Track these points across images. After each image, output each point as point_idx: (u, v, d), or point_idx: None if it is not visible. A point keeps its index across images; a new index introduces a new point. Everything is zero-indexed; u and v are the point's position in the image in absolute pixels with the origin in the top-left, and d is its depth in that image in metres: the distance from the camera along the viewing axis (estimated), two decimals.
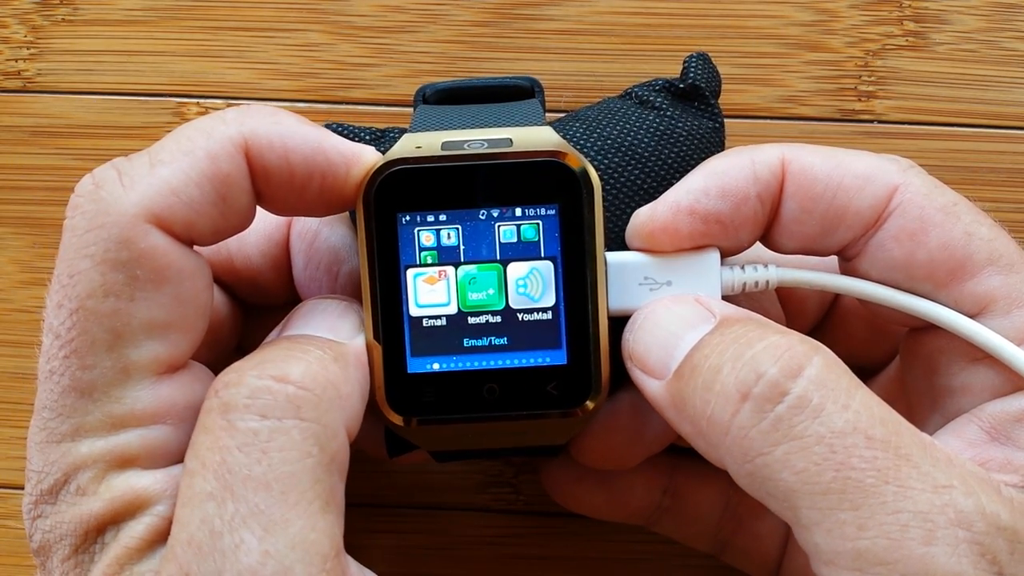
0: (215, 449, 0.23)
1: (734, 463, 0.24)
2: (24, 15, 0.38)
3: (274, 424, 0.23)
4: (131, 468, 0.24)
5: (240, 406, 0.23)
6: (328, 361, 0.25)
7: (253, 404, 0.23)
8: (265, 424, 0.23)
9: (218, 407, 0.24)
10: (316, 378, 0.24)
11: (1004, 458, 0.25)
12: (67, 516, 0.24)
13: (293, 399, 0.23)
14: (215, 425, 0.23)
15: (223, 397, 0.24)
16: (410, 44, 0.38)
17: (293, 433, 0.23)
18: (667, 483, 0.33)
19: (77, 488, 0.24)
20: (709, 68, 0.32)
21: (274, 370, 0.24)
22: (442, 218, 0.27)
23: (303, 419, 0.23)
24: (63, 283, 0.24)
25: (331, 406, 0.24)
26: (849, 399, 0.23)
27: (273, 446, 0.23)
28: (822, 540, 0.22)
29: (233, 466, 0.23)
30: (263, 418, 0.23)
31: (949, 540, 0.22)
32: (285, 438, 0.23)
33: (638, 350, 0.27)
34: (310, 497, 0.23)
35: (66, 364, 0.24)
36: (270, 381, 0.24)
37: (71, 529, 0.24)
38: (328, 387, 0.24)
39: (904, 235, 0.27)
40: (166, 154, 0.25)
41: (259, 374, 0.24)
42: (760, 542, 0.32)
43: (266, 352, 0.25)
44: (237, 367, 0.24)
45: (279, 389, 0.23)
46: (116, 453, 0.24)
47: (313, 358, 0.25)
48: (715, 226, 0.27)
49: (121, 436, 0.24)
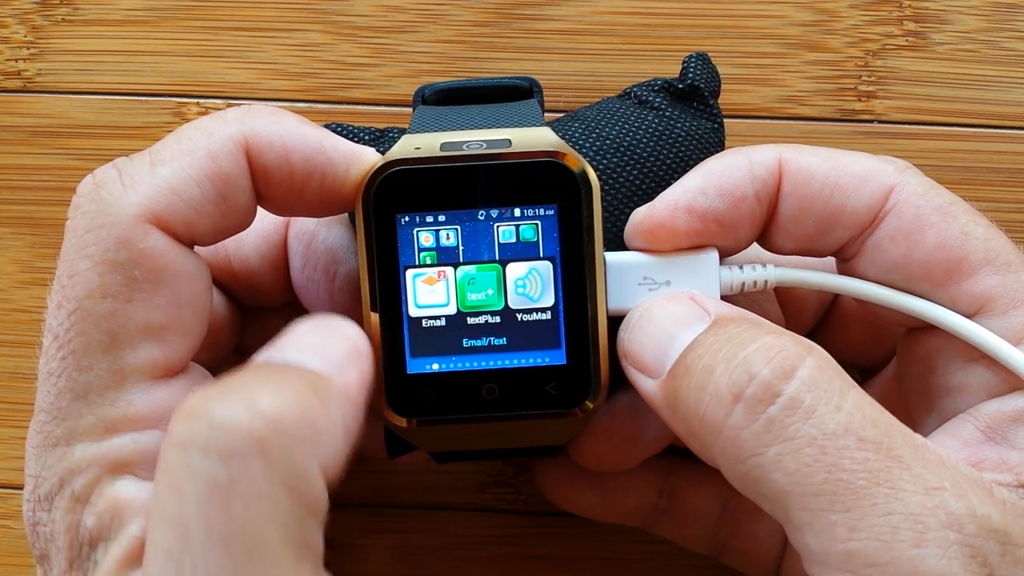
0: (173, 497, 0.21)
1: (727, 464, 0.24)
2: (24, 15, 0.38)
3: (237, 468, 0.20)
4: (125, 475, 0.24)
5: (199, 443, 0.20)
6: (305, 392, 0.22)
7: (213, 442, 0.20)
8: (226, 469, 0.20)
9: (178, 440, 0.21)
10: (287, 412, 0.21)
11: (999, 458, 0.25)
12: (61, 526, 0.24)
13: (259, 437, 0.21)
14: (174, 464, 0.21)
15: (183, 430, 0.21)
16: (410, 44, 0.38)
17: (258, 478, 0.20)
18: (663, 484, 0.33)
19: (72, 494, 0.24)
20: (708, 68, 0.32)
21: (239, 401, 0.21)
22: (441, 219, 0.27)
23: (270, 461, 0.21)
24: (63, 284, 0.24)
25: (304, 445, 0.21)
26: (841, 400, 0.23)
27: (236, 494, 0.20)
28: (813, 541, 0.22)
29: (191, 522, 0.20)
30: (224, 460, 0.20)
31: (940, 542, 0.22)
32: (249, 484, 0.20)
33: (633, 349, 0.27)
34: (278, 551, 0.20)
35: (63, 365, 0.24)
36: (233, 414, 0.21)
37: (67, 542, 0.24)
38: (301, 423, 0.21)
39: (900, 235, 0.27)
40: (167, 153, 0.25)
41: (222, 405, 0.21)
42: (758, 543, 0.32)
43: (236, 378, 0.22)
44: (202, 394, 0.22)
45: (243, 424, 0.20)
46: (109, 458, 0.24)
47: (288, 388, 0.22)
48: (713, 225, 0.27)
49: (115, 441, 0.24)
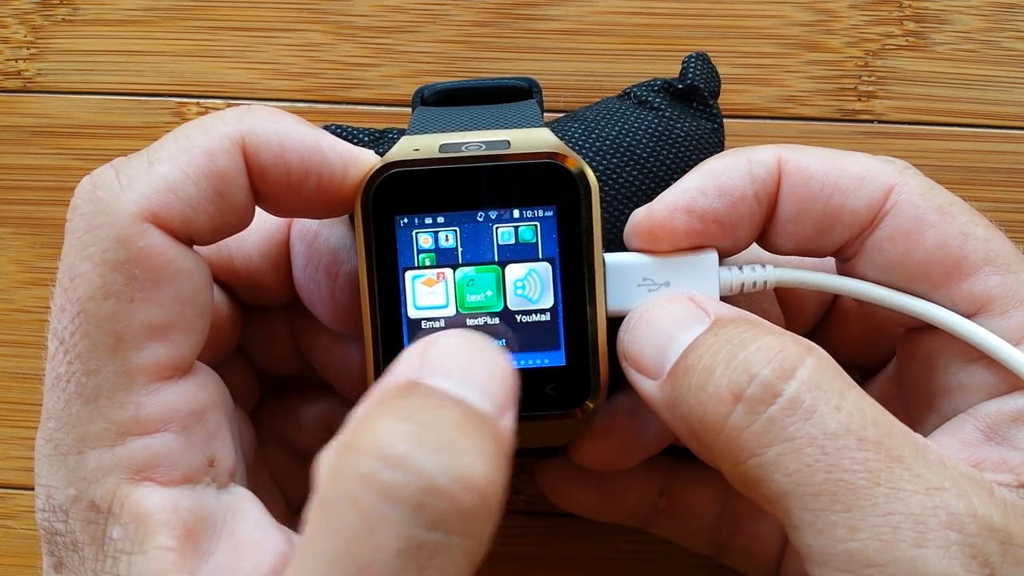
0: (367, 545, 0.19)
1: (727, 464, 0.24)
2: (24, 15, 0.38)
3: (442, 539, 0.19)
4: (144, 482, 0.24)
5: (413, 504, 0.19)
6: (500, 457, 0.21)
7: (428, 507, 0.19)
8: (432, 536, 0.19)
9: (381, 487, 0.20)
10: (493, 485, 0.20)
11: (999, 458, 0.25)
12: (84, 536, 0.24)
13: (470, 512, 0.20)
14: (373, 511, 0.19)
15: (391, 478, 0.20)
16: (410, 44, 0.38)
17: (456, 552, 0.20)
18: (663, 484, 0.33)
19: (91, 504, 0.24)
20: (708, 68, 0.32)
21: (460, 467, 0.20)
22: (440, 220, 0.27)
23: (470, 536, 0.20)
24: (64, 286, 0.24)
25: (492, 519, 0.20)
26: (841, 400, 0.23)
27: (433, 564, 0.19)
28: (814, 541, 0.22)
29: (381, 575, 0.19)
30: (433, 528, 0.19)
31: (940, 542, 0.22)
32: (447, 556, 0.20)
33: (633, 350, 0.27)
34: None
35: (71, 370, 0.24)
36: (455, 484, 0.19)
37: (93, 553, 0.24)
38: (499, 495, 0.20)
39: (900, 235, 0.27)
40: (164, 152, 0.25)
41: (442, 466, 0.20)
42: (758, 543, 0.32)
43: (436, 420, 0.21)
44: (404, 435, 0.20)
45: (462, 497, 0.19)
46: (125, 465, 0.24)
47: (490, 453, 0.21)
48: (712, 225, 0.27)
49: (128, 446, 0.24)
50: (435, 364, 0.22)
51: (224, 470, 0.26)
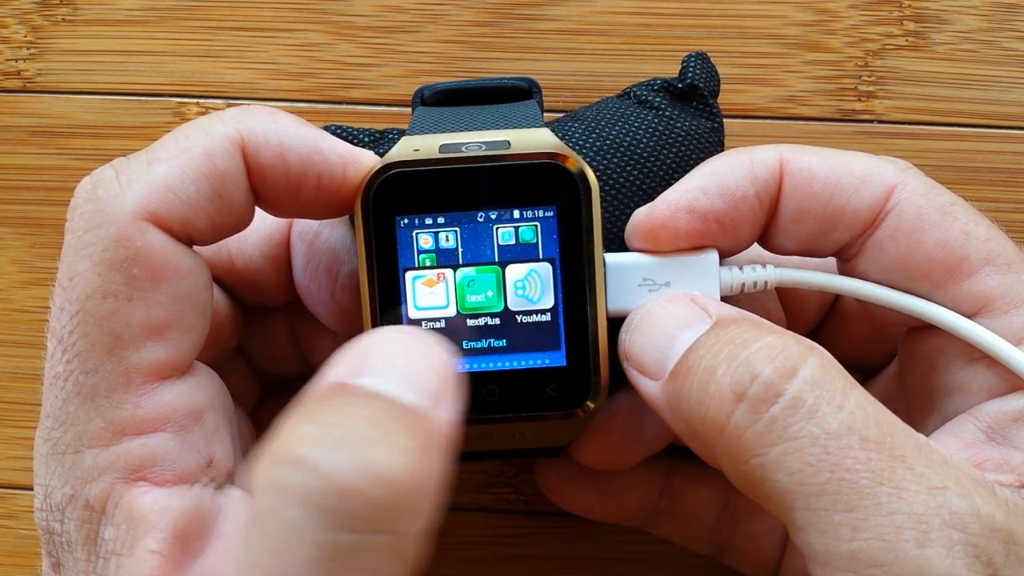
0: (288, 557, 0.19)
1: (729, 464, 0.24)
2: (24, 15, 0.38)
3: (362, 540, 0.19)
4: (138, 482, 0.24)
5: (323, 508, 0.19)
6: (423, 448, 0.20)
7: (339, 509, 0.19)
8: (352, 539, 0.19)
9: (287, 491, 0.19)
10: (412, 477, 0.19)
11: (1000, 458, 0.25)
12: (78, 536, 0.24)
13: (389, 508, 0.19)
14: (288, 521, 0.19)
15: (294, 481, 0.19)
16: (410, 44, 0.38)
17: (381, 553, 0.19)
18: (664, 484, 0.33)
19: (86, 504, 0.24)
20: (708, 68, 0.32)
21: (368, 463, 0.19)
22: (440, 221, 0.27)
23: (397, 532, 0.19)
24: (64, 286, 0.24)
25: (415, 515, 0.19)
26: (844, 400, 0.23)
27: (360, 567, 0.19)
28: (816, 541, 0.22)
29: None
30: (350, 531, 0.19)
31: (943, 542, 0.22)
32: (375, 557, 0.19)
33: (634, 351, 0.27)
34: None
35: (69, 369, 0.24)
36: (362, 480, 0.19)
37: (85, 554, 0.24)
38: (413, 491, 0.19)
39: (901, 235, 0.27)
40: (163, 152, 0.25)
41: (348, 464, 0.19)
42: (758, 543, 0.32)
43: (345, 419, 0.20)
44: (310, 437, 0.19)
45: (362, 490, 0.19)
46: (120, 465, 0.24)
47: (408, 442, 0.20)
48: (713, 225, 0.27)
49: (124, 446, 0.24)
50: (363, 363, 0.22)
51: (223, 471, 0.26)
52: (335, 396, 0.21)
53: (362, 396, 0.21)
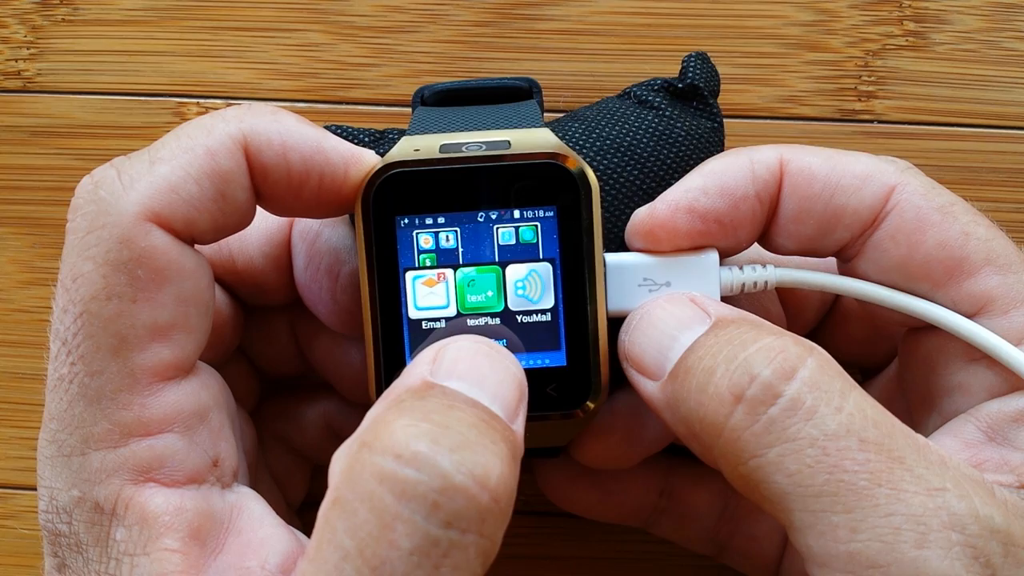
0: (381, 543, 0.20)
1: (728, 465, 0.24)
2: (24, 15, 0.38)
3: (457, 537, 0.20)
4: (147, 483, 0.24)
5: (428, 502, 0.20)
6: (513, 459, 0.22)
7: (443, 506, 0.20)
8: (447, 535, 0.20)
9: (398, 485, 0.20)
10: (507, 485, 0.21)
11: (1000, 458, 0.25)
12: (88, 538, 0.24)
13: (483, 511, 0.20)
14: (388, 509, 0.20)
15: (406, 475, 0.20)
16: (410, 44, 0.38)
17: (470, 551, 0.20)
18: (663, 484, 0.33)
19: (94, 506, 0.24)
20: (708, 68, 0.32)
21: (475, 466, 0.20)
22: (440, 221, 0.27)
23: (483, 535, 0.20)
24: (67, 287, 0.24)
25: (507, 517, 0.21)
26: (843, 401, 0.23)
27: (447, 562, 0.20)
28: (815, 543, 0.22)
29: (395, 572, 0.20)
30: (447, 527, 0.20)
31: (942, 543, 0.22)
32: (461, 555, 0.20)
33: (634, 351, 0.27)
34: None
35: (74, 371, 0.24)
36: (471, 483, 0.20)
37: (97, 555, 0.24)
38: (512, 496, 0.21)
39: (901, 235, 0.27)
40: (166, 151, 0.25)
41: (460, 465, 0.20)
42: (758, 544, 0.32)
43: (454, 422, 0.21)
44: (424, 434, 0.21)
45: (478, 496, 0.20)
46: (128, 467, 0.24)
47: (504, 454, 0.21)
48: (714, 225, 0.27)
49: (131, 447, 0.24)
50: (448, 367, 0.23)
51: (228, 470, 0.26)
52: (430, 396, 0.22)
53: (462, 401, 0.22)
